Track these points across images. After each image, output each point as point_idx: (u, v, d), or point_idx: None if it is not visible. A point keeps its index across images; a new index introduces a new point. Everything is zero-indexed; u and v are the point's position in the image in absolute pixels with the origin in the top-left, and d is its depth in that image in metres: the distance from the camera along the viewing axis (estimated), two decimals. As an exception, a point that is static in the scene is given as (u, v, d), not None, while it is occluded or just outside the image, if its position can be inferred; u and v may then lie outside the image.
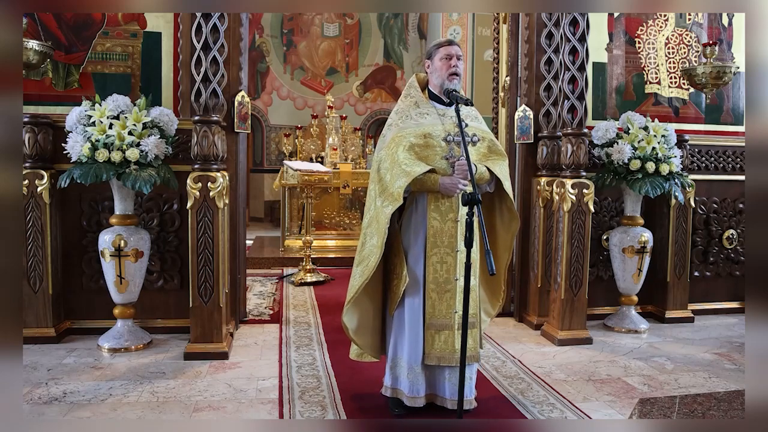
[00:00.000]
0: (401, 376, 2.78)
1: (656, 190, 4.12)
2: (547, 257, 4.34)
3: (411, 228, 2.78)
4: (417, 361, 2.74)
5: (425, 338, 2.73)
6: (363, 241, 2.77)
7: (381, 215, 2.64)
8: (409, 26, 11.85)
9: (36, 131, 3.72)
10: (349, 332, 2.80)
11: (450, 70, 2.74)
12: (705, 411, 2.19)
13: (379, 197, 2.68)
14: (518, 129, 4.49)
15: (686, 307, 4.68)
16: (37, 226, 3.77)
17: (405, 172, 2.60)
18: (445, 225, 2.72)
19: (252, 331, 4.22)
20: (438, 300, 2.73)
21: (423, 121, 2.74)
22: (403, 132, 2.71)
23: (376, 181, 2.73)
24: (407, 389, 2.76)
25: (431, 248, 2.73)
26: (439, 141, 2.71)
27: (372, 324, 2.86)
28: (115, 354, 3.66)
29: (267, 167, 11.53)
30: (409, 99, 2.84)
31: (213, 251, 3.63)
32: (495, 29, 5.45)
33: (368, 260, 2.69)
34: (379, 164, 2.73)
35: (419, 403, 2.77)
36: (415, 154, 2.68)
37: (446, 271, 2.72)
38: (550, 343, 4.05)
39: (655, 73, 4.73)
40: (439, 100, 2.81)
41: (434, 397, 2.82)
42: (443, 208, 2.72)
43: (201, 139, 3.60)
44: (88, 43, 3.97)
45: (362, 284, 2.69)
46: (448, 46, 2.79)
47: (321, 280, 6.03)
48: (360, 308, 2.80)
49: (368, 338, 2.86)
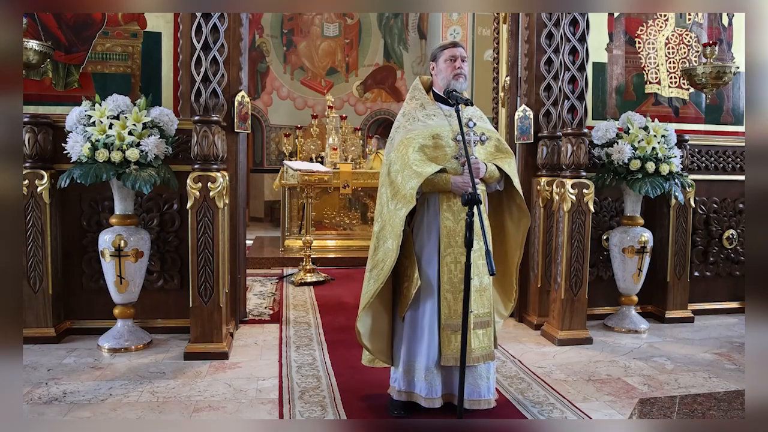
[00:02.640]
0: (417, 379, 2.76)
1: (656, 190, 4.12)
2: (547, 257, 4.34)
3: (423, 229, 2.77)
4: (434, 361, 2.73)
5: (441, 339, 2.72)
6: (375, 245, 2.74)
7: (395, 218, 2.63)
8: (409, 26, 11.85)
9: (36, 131, 3.72)
10: (362, 337, 2.77)
11: (455, 71, 2.75)
12: (705, 411, 2.19)
13: (391, 200, 2.67)
14: (518, 129, 4.49)
15: (686, 307, 4.68)
16: (37, 226, 3.77)
17: (416, 173, 2.60)
18: (458, 225, 2.71)
19: (252, 331, 4.22)
20: (453, 301, 2.71)
21: (430, 122, 2.74)
22: (412, 134, 2.71)
23: (387, 184, 2.71)
24: (424, 392, 2.74)
25: (445, 248, 2.72)
26: (448, 141, 2.71)
27: (382, 329, 2.84)
28: (115, 354, 3.66)
29: (267, 167, 11.53)
30: (415, 101, 2.84)
31: (213, 251, 3.63)
32: (495, 29, 5.45)
33: (383, 264, 2.67)
34: (389, 167, 2.72)
35: (437, 404, 2.75)
36: (425, 154, 2.68)
37: (460, 272, 2.70)
38: (550, 343, 4.05)
39: (655, 73, 4.73)
40: (445, 102, 2.82)
41: (452, 397, 2.80)
42: (456, 207, 2.71)
43: (201, 139, 3.60)
44: (88, 43, 3.97)
45: (378, 289, 2.66)
46: (452, 48, 2.80)
47: (321, 280, 6.03)
48: (373, 313, 2.79)
49: (381, 343, 2.84)
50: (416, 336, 2.75)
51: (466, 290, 2.41)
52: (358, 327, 2.75)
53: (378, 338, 2.82)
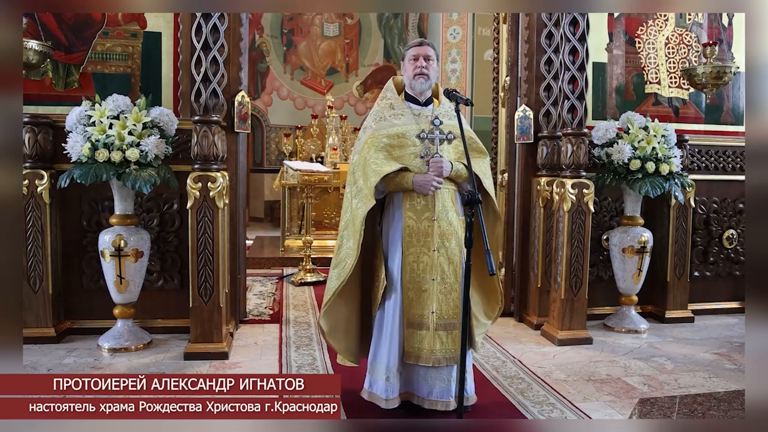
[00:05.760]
0: (378, 379, 2.77)
1: (656, 190, 4.12)
2: (547, 257, 4.34)
3: (390, 229, 2.78)
4: (394, 362, 2.73)
5: (405, 336, 2.73)
6: (340, 243, 2.76)
7: (356, 217, 2.65)
8: (409, 26, 11.85)
9: (36, 131, 3.72)
10: (325, 335, 2.82)
11: (415, 71, 2.75)
12: (705, 411, 2.19)
13: (354, 198, 2.70)
14: (518, 129, 4.49)
15: (686, 307, 4.68)
16: (37, 226, 3.76)
17: (375, 171, 2.62)
18: (421, 224, 2.71)
19: (252, 331, 4.22)
20: (416, 299, 2.72)
21: (397, 121, 2.75)
22: (376, 134, 2.73)
23: (351, 183, 2.75)
24: (383, 392, 2.75)
25: (407, 248, 2.72)
26: (413, 140, 2.71)
27: (348, 327, 2.85)
28: (115, 354, 3.66)
29: (267, 167, 11.52)
30: (385, 101, 2.85)
31: (213, 251, 3.63)
32: (495, 29, 5.45)
33: (345, 263, 2.69)
34: (354, 167, 2.76)
35: (394, 404, 2.75)
36: (387, 153, 2.69)
37: (423, 271, 2.71)
38: (550, 343, 4.05)
39: (655, 73, 4.73)
40: (415, 101, 2.82)
41: (410, 396, 2.81)
42: (419, 207, 2.71)
43: (201, 139, 3.60)
44: (88, 43, 3.97)
45: (339, 287, 2.69)
46: (416, 47, 2.79)
47: (321, 280, 6.02)
48: (336, 311, 2.80)
49: (344, 342, 2.86)
50: (380, 335, 2.77)
51: (466, 291, 2.41)
52: (321, 324, 2.79)
53: (344, 337, 2.84)
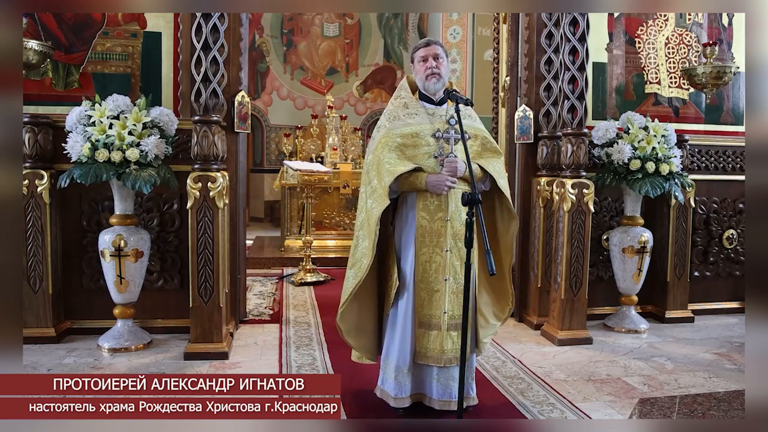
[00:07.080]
0: (389, 378, 2.78)
1: (656, 190, 4.12)
2: (547, 257, 4.34)
3: (403, 228, 2.78)
4: (405, 361, 2.74)
5: (417, 337, 2.74)
6: (356, 243, 2.78)
7: (371, 217, 2.65)
8: (409, 26, 11.84)
9: (36, 131, 3.72)
10: (343, 334, 2.81)
11: (427, 72, 2.75)
12: (705, 411, 2.19)
13: (369, 198, 2.70)
14: (518, 129, 4.49)
15: (686, 307, 4.68)
16: (37, 226, 3.76)
17: (389, 171, 2.62)
18: (434, 224, 2.71)
19: (252, 331, 4.22)
20: (428, 299, 2.73)
21: (411, 121, 2.75)
22: (391, 133, 2.72)
23: (366, 183, 2.75)
24: (393, 391, 2.76)
25: (420, 248, 2.73)
26: (427, 139, 2.71)
27: (365, 326, 2.86)
28: (115, 354, 3.66)
29: (267, 167, 11.51)
30: (399, 100, 2.85)
31: (213, 251, 3.63)
32: (495, 29, 5.45)
33: (361, 262, 2.70)
34: (368, 166, 2.76)
35: (405, 404, 2.77)
36: (401, 153, 2.69)
37: (435, 271, 2.72)
38: (550, 343, 4.05)
39: (655, 73, 4.73)
40: (429, 100, 2.82)
41: (422, 397, 2.82)
42: (432, 207, 2.72)
43: (201, 139, 3.60)
44: (88, 43, 3.97)
45: (356, 287, 2.70)
46: (425, 48, 2.79)
47: (321, 280, 6.03)
48: (353, 310, 2.80)
49: (362, 340, 2.86)
50: (392, 334, 2.78)
51: (466, 290, 2.41)
52: (339, 324, 2.79)
53: (361, 335, 2.85)
